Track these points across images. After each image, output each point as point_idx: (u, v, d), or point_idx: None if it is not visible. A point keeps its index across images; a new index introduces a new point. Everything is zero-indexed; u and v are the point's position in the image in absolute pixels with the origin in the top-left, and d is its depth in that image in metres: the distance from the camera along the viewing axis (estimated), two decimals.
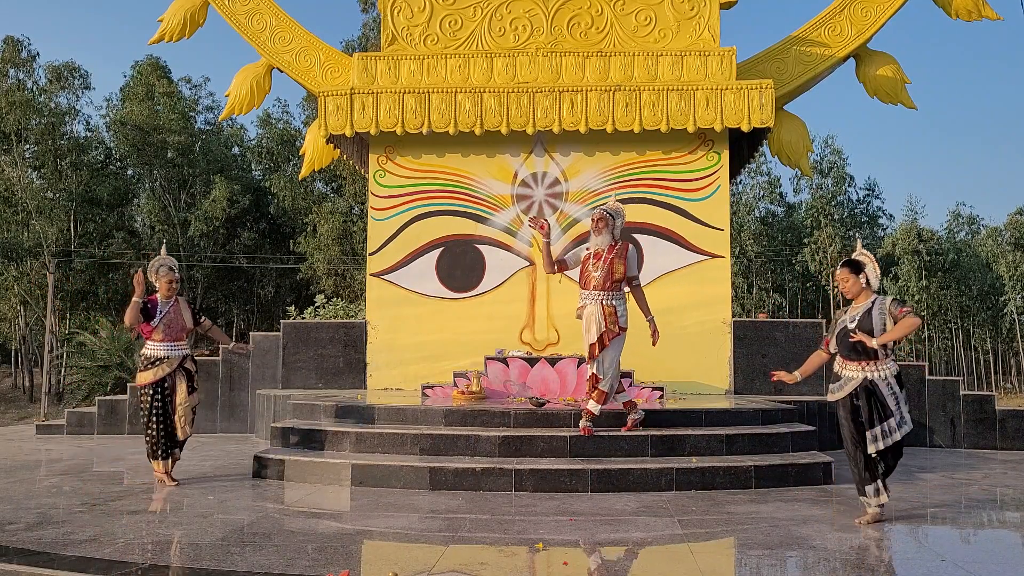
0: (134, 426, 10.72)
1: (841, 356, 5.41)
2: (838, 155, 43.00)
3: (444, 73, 10.40)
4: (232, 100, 11.31)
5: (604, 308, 6.69)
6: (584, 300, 6.81)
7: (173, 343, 6.65)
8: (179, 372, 6.66)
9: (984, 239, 45.52)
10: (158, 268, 6.79)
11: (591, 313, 6.73)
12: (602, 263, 6.75)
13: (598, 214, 6.91)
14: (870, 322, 5.21)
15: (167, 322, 6.64)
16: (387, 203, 10.71)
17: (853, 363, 5.30)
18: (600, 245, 6.83)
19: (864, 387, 5.23)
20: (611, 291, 6.73)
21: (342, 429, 7.17)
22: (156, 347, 6.62)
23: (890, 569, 4.31)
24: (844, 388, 5.34)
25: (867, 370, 5.24)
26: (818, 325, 10.52)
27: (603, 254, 6.79)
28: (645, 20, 10.58)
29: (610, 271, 6.71)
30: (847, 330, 5.30)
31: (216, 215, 37.56)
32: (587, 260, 6.87)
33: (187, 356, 6.74)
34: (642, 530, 5.02)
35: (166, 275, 6.76)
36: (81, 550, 4.43)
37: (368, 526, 5.17)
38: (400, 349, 10.59)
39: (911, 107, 10.82)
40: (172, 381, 6.63)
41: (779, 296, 43.14)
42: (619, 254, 6.81)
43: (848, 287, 5.36)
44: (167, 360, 6.60)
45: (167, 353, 6.61)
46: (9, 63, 36.86)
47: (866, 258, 5.49)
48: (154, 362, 6.60)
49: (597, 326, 6.68)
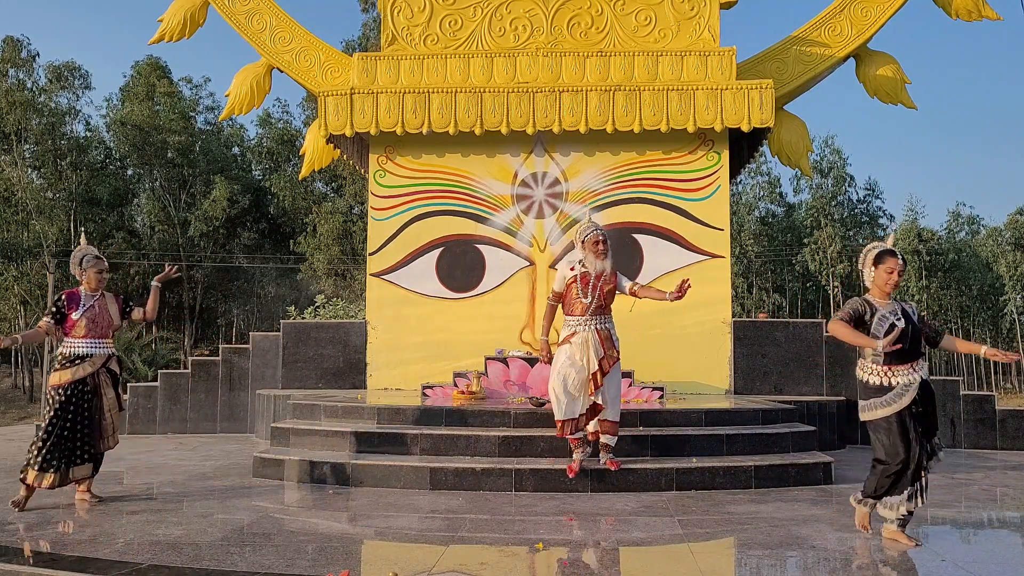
0: (134, 426, 10.73)
1: (886, 363, 4.60)
2: (838, 155, 43.03)
3: (444, 73, 10.40)
4: (232, 100, 11.31)
5: (599, 333, 6.10)
6: (573, 327, 6.14)
7: (97, 340, 5.89)
8: (103, 374, 5.91)
9: (984, 239, 45.53)
10: (82, 260, 6.00)
11: (585, 340, 6.08)
12: (591, 289, 6.13)
13: (600, 235, 6.21)
14: (915, 322, 4.66)
15: (91, 316, 5.87)
16: (387, 203, 10.71)
17: (904, 366, 4.59)
18: (600, 269, 6.18)
19: (922, 388, 4.61)
20: (603, 315, 6.19)
21: (342, 429, 7.17)
22: (76, 344, 5.84)
23: (890, 569, 4.31)
24: (904, 396, 4.56)
25: (918, 370, 4.63)
26: (818, 325, 10.52)
27: (591, 279, 6.16)
28: (645, 20, 10.58)
29: (601, 296, 6.16)
30: (901, 330, 4.51)
31: (216, 215, 37.57)
32: (572, 284, 6.19)
33: (112, 356, 6.02)
34: (642, 530, 5.01)
35: (94, 265, 5.98)
36: (81, 550, 4.43)
37: (368, 526, 5.17)
38: (400, 349, 10.59)
39: (911, 107, 10.82)
40: (95, 383, 5.85)
41: (779, 296, 43.15)
42: (608, 279, 6.22)
43: (899, 281, 4.73)
44: (90, 359, 5.84)
45: (89, 351, 5.85)
46: (9, 63, 36.89)
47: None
48: (73, 360, 5.80)
49: (595, 351, 6.05)
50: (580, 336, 6.08)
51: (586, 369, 6.04)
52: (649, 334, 10.21)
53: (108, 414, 5.91)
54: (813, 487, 6.53)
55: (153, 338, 34.03)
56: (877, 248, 4.77)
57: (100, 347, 5.92)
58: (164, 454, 8.72)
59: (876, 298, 4.70)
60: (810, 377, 10.24)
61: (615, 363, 6.15)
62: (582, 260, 6.21)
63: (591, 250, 6.18)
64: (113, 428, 5.96)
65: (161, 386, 10.92)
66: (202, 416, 10.86)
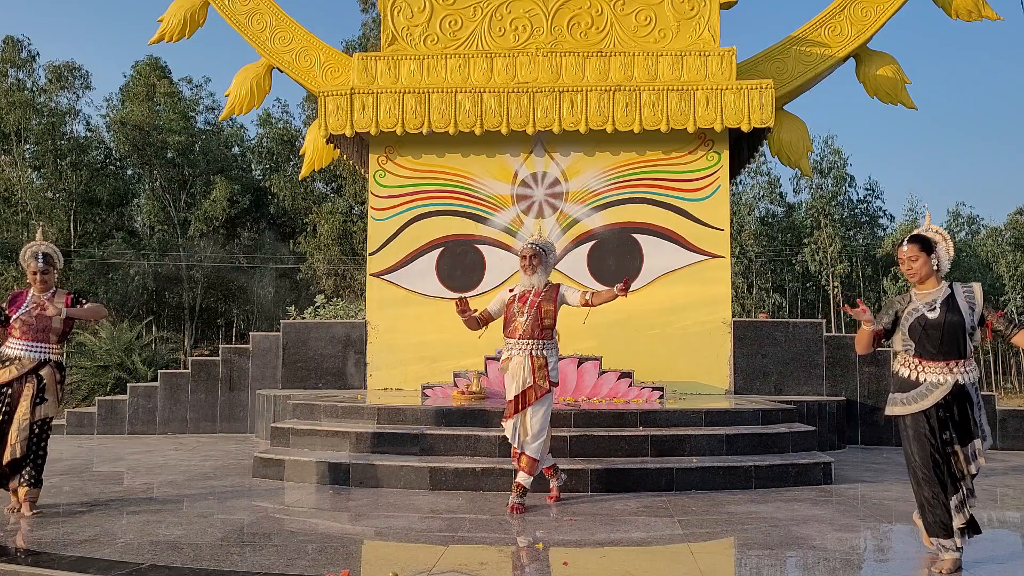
0: (134, 426, 10.73)
1: (916, 355, 4.20)
2: (838, 155, 43.00)
3: (444, 73, 10.40)
4: (232, 100, 11.31)
5: (533, 360, 5.68)
6: (509, 351, 5.80)
7: (31, 343, 5.49)
8: (29, 378, 5.47)
9: (984, 239, 45.51)
10: (23, 254, 5.65)
11: (518, 365, 5.72)
12: (527, 307, 5.75)
13: (529, 250, 5.88)
14: (959, 313, 4.14)
15: (24, 318, 5.49)
16: (387, 203, 10.71)
17: (937, 363, 4.13)
18: (530, 286, 5.84)
19: (955, 393, 4.11)
20: (541, 339, 5.74)
21: (342, 429, 7.17)
22: (11, 345, 5.53)
23: (890, 569, 4.31)
24: (928, 396, 4.12)
25: (957, 371, 4.12)
26: (818, 325, 10.53)
27: (529, 296, 5.80)
28: (645, 20, 10.58)
29: (538, 316, 5.73)
30: (930, 321, 4.14)
31: (216, 215, 37.57)
32: (511, 304, 5.85)
33: (48, 362, 5.54)
34: (642, 530, 5.02)
35: (31, 264, 5.59)
36: (81, 550, 4.43)
37: (368, 526, 5.17)
38: (400, 349, 10.59)
39: (911, 107, 10.82)
40: (20, 387, 5.45)
41: (779, 296, 43.13)
42: (547, 296, 5.80)
43: (916, 268, 4.24)
44: (17, 362, 5.46)
45: (19, 353, 5.47)
46: (9, 63, 36.89)
47: (939, 236, 4.36)
48: (4, 362, 5.49)
49: (521, 381, 5.67)
50: (516, 360, 5.74)
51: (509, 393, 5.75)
52: (649, 334, 10.22)
53: (16, 419, 5.40)
54: (813, 487, 6.53)
55: (153, 338, 34.04)
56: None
57: (33, 351, 5.49)
58: (164, 454, 8.72)
59: (915, 289, 4.30)
60: (810, 377, 10.24)
61: (544, 395, 5.69)
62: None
63: (520, 266, 5.93)
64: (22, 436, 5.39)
65: (161, 386, 10.92)
66: (202, 416, 10.86)
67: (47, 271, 5.61)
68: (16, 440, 5.39)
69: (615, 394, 8.72)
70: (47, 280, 5.61)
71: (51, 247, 5.67)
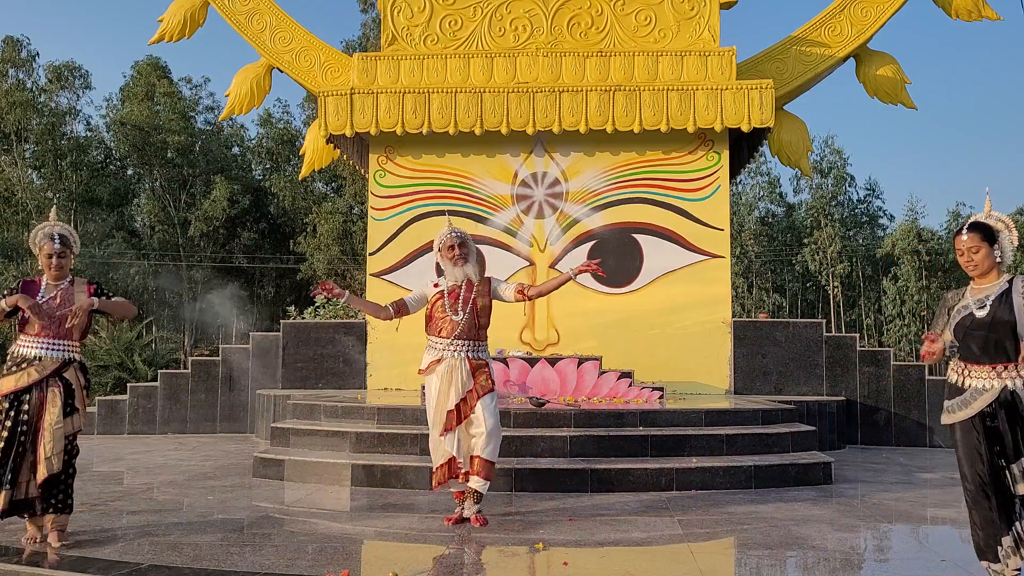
0: (134, 426, 10.73)
1: (962, 358, 3.75)
2: (838, 155, 42.99)
3: (444, 73, 10.40)
4: (232, 100, 11.31)
5: (471, 362, 5.15)
6: (438, 352, 5.20)
7: (53, 340, 4.64)
8: (53, 383, 4.62)
9: None
10: (35, 236, 4.80)
11: (452, 369, 5.12)
12: (461, 303, 5.16)
13: (455, 238, 5.20)
14: (1010, 311, 3.61)
15: (47, 311, 4.63)
16: (387, 203, 10.71)
17: (983, 367, 3.66)
18: (461, 279, 5.21)
19: (1003, 401, 3.61)
20: (477, 340, 5.21)
21: (342, 429, 7.17)
22: (28, 343, 4.65)
23: (890, 569, 4.31)
24: (973, 404, 3.67)
25: (1006, 376, 3.61)
26: (818, 325, 10.53)
27: (460, 292, 5.18)
28: (645, 20, 10.58)
29: (474, 313, 5.16)
30: (976, 320, 3.65)
31: (216, 215, 37.55)
32: (438, 301, 5.24)
33: (72, 362, 4.71)
34: (642, 530, 5.01)
35: (45, 246, 4.72)
36: (81, 550, 4.43)
37: (368, 526, 5.17)
38: (400, 349, 10.57)
39: (911, 107, 10.82)
40: (42, 394, 4.59)
41: (779, 296, 43.13)
42: (481, 291, 5.21)
43: (978, 261, 3.69)
44: (38, 363, 4.60)
45: (40, 352, 4.62)
46: (9, 63, 36.87)
47: (1002, 224, 3.78)
48: (20, 364, 4.62)
49: (460, 386, 5.09)
50: (446, 363, 5.16)
51: (449, 403, 5.12)
52: (649, 334, 10.23)
53: (47, 431, 4.54)
54: (813, 487, 6.53)
55: (153, 338, 34.04)
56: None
57: (55, 349, 4.64)
58: (164, 454, 8.72)
59: (974, 283, 3.78)
60: (810, 377, 10.24)
61: (489, 392, 5.13)
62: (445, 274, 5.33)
63: (446, 256, 5.23)
64: (58, 448, 4.56)
65: (161, 386, 10.92)
66: (202, 416, 10.85)
67: (63, 253, 4.74)
68: (52, 452, 4.52)
69: (615, 394, 8.72)
70: (63, 265, 4.74)
71: (67, 228, 4.86)
